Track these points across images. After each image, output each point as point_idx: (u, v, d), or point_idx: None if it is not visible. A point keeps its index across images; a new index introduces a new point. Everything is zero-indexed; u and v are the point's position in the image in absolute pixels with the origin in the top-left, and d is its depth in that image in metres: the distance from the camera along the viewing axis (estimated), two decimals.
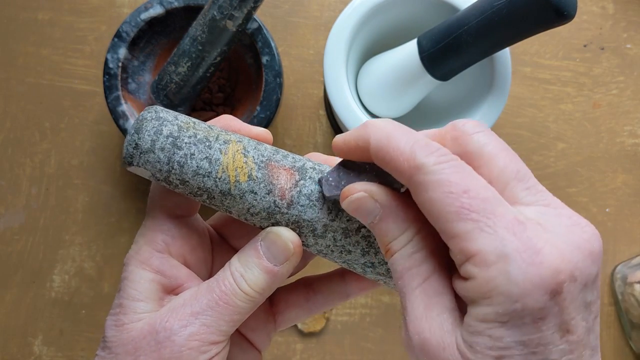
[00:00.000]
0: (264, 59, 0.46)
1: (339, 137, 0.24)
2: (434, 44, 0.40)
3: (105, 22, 0.54)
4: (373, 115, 0.48)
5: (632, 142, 0.54)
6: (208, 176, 0.25)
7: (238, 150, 0.25)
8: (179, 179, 0.25)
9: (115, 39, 0.46)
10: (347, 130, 0.43)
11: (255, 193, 0.25)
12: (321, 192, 0.25)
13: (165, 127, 0.25)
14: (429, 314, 0.21)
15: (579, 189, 0.54)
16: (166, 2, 0.46)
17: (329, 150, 0.54)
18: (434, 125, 0.48)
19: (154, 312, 0.25)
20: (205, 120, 0.50)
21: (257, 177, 0.25)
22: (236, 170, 0.25)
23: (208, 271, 0.29)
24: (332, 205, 0.25)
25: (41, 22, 0.54)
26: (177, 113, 0.26)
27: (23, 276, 0.52)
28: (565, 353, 0.21)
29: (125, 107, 0.46)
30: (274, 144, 0.54)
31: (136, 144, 0.24)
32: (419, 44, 0.42)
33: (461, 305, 0.22)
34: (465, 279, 0.20)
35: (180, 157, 0.25)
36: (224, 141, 0.25)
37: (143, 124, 0.25)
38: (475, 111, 0.44)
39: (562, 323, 0.20)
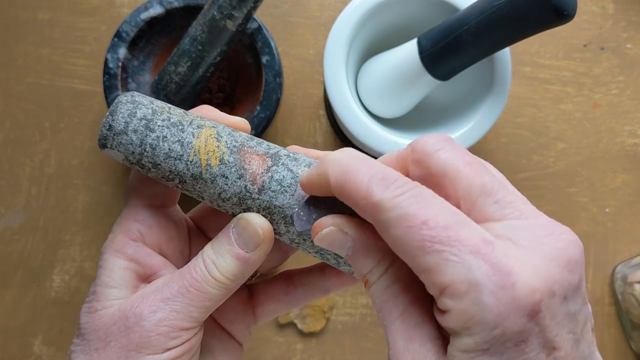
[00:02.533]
0: (264, 59, 0.46)
1: (302, 176, 0.24)
2: (434, 44, 0.40)
3: (105, 22, 0.54)
4: (373, 115, 0.48)
5: (632, 142, 0.54)
6: (179, 159, 0.25)
7: (211, 134, 0.25)
8: (150, 162, 0.25)
9: (115, 39, 0.46)
10: (347, 130, 0.43)
11: (227, 177, 0.25)
12: (294, 178, 0.25)
13: (139, 110, 0.25)
14: (410, 346, 0.21)
15: (579, 189, 0.54)
16: (166, 2, 0.46)
17: (329, 150, 0.53)
18: (434, 125, 0.48)
19: (126, 299, 0.25)
20: None
21: (228, 162, 0.25)
22: (208, 154, 0.25)
23: (185, 262, 0.29)
24: (304, 193, 0.25)
25: (41, 22, 0.54)
26: (153, 99, 0.26)
27: (23, 276, 0.52)
28: None
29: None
30: (274, 143, 0.54)
31: (110, 125, 0.25)
32: (419, 43, 0.42)
33: (444, 333, 0.21)
34: (443, 311, 0.20)
35: (153, 139, 0.25)
36: (197, 126, 0.25)
37: (118, 107, 0.25)
38: (475, 111, 0.44)
39: (545, 342, 0.20)
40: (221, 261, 0.25)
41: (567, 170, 0.54)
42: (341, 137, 0.53)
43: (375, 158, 0.47)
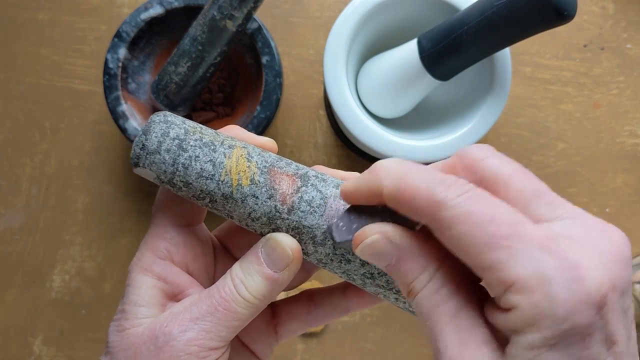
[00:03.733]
0: (264, 59, 0.46)
1: (348, 185, 0.23)
2: (434, 44, 0.40)
3: (105, 22, 0.54)
4: (373, 115, 0.48)
5: (632, 142, 0.54)
6: (211, 179, 0.25)
7: (242, 155, 0.26)
8: (182, 181, 0.25)
9: (115, 39, 0.46)
10: (347, 130, 0.43)
11: (257, 197, 0.25)
12: (323, 199, 0.25)
13: (172, 129, 0.25)
14: (465, 351, 0.20)
15: (579, 189, 0.54)
16: (166, 2, 0.46)
17: (329, 150, 0.54)
18: (434, 125, 0.48)
19: (155, 317, 0.26)
20: (206, 120, 0.51)
21: (259, 182, 0.25)
22: (239, 174, 0.25)
23: (210, 281, 0.29)
24: (333, 214, 0.25)
25: (41, 22, 0.54)
26: (185, 118, 0.27)
27: (23, 276, 0.52)
28: None
29: (125, 107, 0.46)
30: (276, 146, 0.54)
31: (143, 144, 0.25)
32: (419, 43, 0.42)
33: (497, 337, 0.21)
34: (506, 309, 0.20)
35: (185, 159, 0.25)
36: (228, 146, 0.26)
37: (151, 126, 0.25)
38: (475, 111, 0.44)
39: (607, 336, 0.20)
40: (250, 281, 0.25)
41: (567, 170, 0.54)
42: (341, 137, 0.53)
43: (375, 158, 0.47)
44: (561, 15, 0.34)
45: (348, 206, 0.24)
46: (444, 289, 0.21)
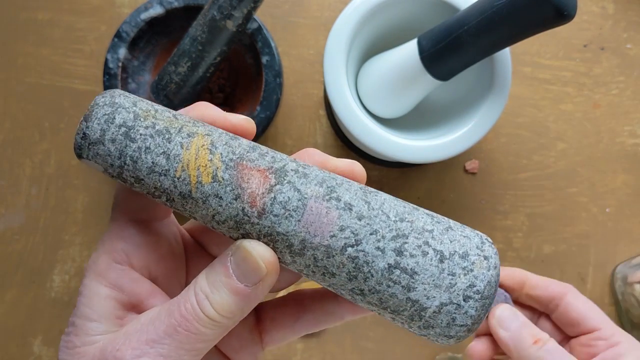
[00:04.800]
0: (264, 59, 0.46)
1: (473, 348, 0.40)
2: (434, 44, 0.40)
3: (105, 22, 0.54)
4: (373, 115, 0.48)
5: (632, 142, 0.54)
6: (165, 175, 0.21)
7: (203, 145, 0.22)
8: (133, 177, 0.22)
9: (115, 39, 0.46)
10: (347, 130, 0.43)
11: (221, 198, 0.21)
12: (301, 199, 0.21)
13: (118, 114, 0.21)
14: None
15: (579, 189, 0.54)
16: (166, 2, 0.46)
17: (329, 150, 0.54)
18: (434, 125, 0.48)
19: (110, 334, 0.22)
20: None
21: (222, 179, 0.21)
22: (198, 169, 0.21)
23: (181, 284, 0.26)
24: (314, 219, 0.21)
25: (41, 22, 0.54)
26: (138, 98, 0.23)
27: (23, 276, 0.52)
28: None
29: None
30: (274, 144, 0.55)
31: (84, 133, 0.21)
32: (419, 43, 0.42)
33: None
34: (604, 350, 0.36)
35: (134, 150, 0.21)
36: (187, 134, 0.22)
37: (93, 111, 0.21)
38: (475, 111, 0.44)
39: None
40: (216, 296, 0.21)
41: (567, 170, 0.54)
42: (341, 137, 0.53)
43: (375, 158, 0.48)
44: (561, 15, 0.34)
45: (335, 214, 0.21)
46: (563, 350, 0.36)
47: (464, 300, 0.21)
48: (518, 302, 0.42)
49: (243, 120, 0.24)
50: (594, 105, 0.55)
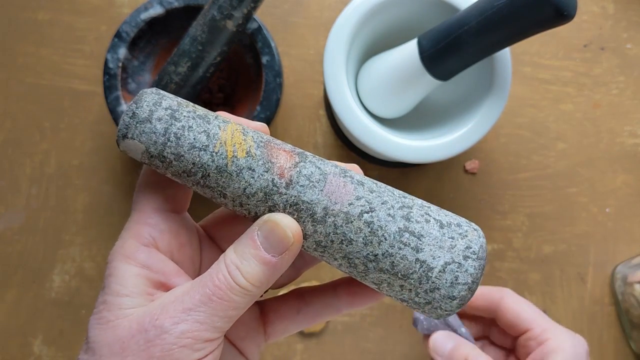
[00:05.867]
0: (264, 59, 0.46)
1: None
2: (434, 44, 0.40)
3: (105, 22, 0.54)
4: (373, 115, 0.48)
5: (632, 142, 0.54)
6: (205, 150, 0.24)
7: (237, 129, 0.24)
8: (174, 153, 0.24)
9: (115, 39, 0.46)
10: (347, 130, 0.43)
11: (253, 170, 0.24)
12: (322, 174, 0.24)
13: (164, 100, 0.24)
14: None
15: (579, 189, 0.54)
16: (166, 2, 0.46)
17: (329, 150, 0.54)
18: (434, 125, 0.48)
19: (142, 308, 0.24)
20: None
21: (255, 154, 0.24)
22: (234, 145, 0.24)
23: (196, 272, 0.28)
24: (334, 189, 0.24)
25: (41, 22, 0.54)
26: (175, 96, 0.26)
27: (23, 276, 0.52)
28: None
29: (125, 107, 0.46)
30: None
31: (134, 112, 0.24)
32: (419, 43, 0.42)
33: None
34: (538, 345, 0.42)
35: (178, 128, 0.24)
36: (223, 120, 0.25)
37: (143, 96, 0.24)
38: (475, 111, 0.44)
39: None
40: (246, 266, 0.23)
41: (567, 171, 0.54)
42: (341, 137, 0.53)
43: (375, 158, 0.48)
44: (561, 15, 0.34)
45: (351, 187, 0.24)
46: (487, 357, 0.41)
47: (464, 259, 0.24)
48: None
49: (260, 125, 0.27)
50: (594, 105, 0.55)
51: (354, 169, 0.27)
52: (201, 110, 0.25)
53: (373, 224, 0.24)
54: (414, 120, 0.50)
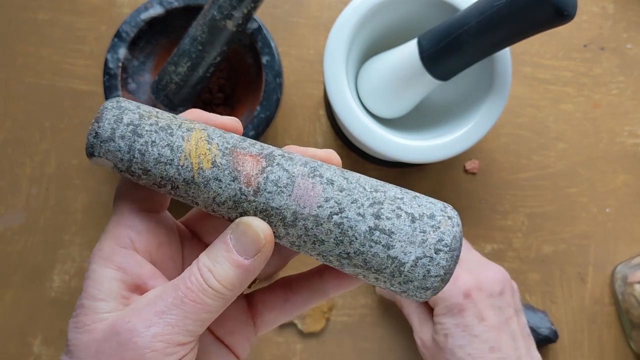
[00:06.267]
0: (264, 59, 0.46)
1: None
2: (434, 44, 0.40)
3: (105, 22, 0.54)
4: (373, 115, 0.48)
5: (632, 142, 0.54)
6: (170, 164, 0.24)
7: (201, 137, 0.24)
8: (140, 169, 0.24)
9: (115, 39, 0.46)
10: (347, 130, 0.43)
11: (220, 180, 0.24)
12: (290, 178, 0.24)
13: (125, 115, 0.24)
14: (423, 326, 0.46)
15: (579, 189, 0.54)
16: (166, 2, 0.46)
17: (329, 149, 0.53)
18: (434, 125, 0.48)
19: (117, 312, 0.24)
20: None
21: (221, 164, 0.24)
22: (199, 157, 0.24)
23: (178, 270, 0.28)
24: (302, 193, 0.25)
25: (41, 22, 0.54)
26: (140, 103, 0.25)
27: (23, 276, 0.52)
28: (484, 332, 0.41)
29: None
30: (274, 144, 0.55)
31: (96, 132, 0.24)
32: (419, 43, 0.42)
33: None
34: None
35: (141, 144, 0.24)
36: (186, 129, 0.25)
37: (103, 113, 0.24)
38: (475, 111, 0.44)
39: (477, 314, 0.42)
40: (219, 269, 0.24)
41: (567, 170, 0.54)
42: (341, 137, 0.53)
43: (375, 158, 0.48)
44: (561, 15, 0.34)
45: (320, 188, 0.24)
46: (415, 304, 0.46)
47: (435, 252, 0.24)
48: None
49: (231, 120, 0.27)
50: (594, 105, 0.55)
51: (330, 157, 0.27)
52: (164, 119, 0.25)
53: (343, 224, 0.24)
54: (414, 120, 0.50)
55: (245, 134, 0.45)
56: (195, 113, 0.27)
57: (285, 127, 0.53)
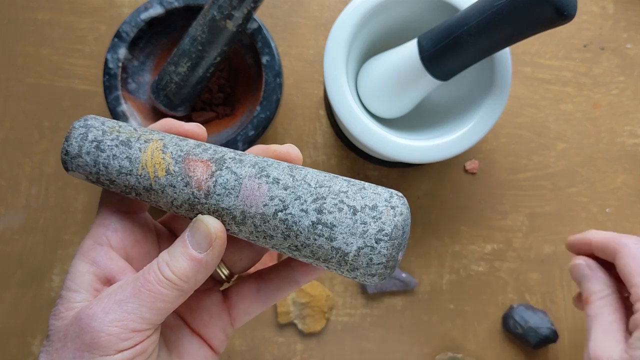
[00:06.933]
0: (264, 59, 0.46)
1: (572, 239, 0.43)
2: (434, 44, 0.40)
3: (105, 22, 0.54)
4: (373, 115, 0.48)
5: (632, 142, 0.54)
6: (130, 174, 0.27)
7: (157, 147, 0.27)
8: (107, 179, 0.27)
9: (115, 39, 0.46)
10: (347, 130, 0.43)
11: (174, 186, 0.27)
12: (237, 180, 0.26)
13: (90, 133, 0.28)
14: (606, 338, 0.36)
15: (579, 189, 0.54)
16: (166, 2, 0.46)
17: (329, 150, 0.54)
18: (434, 125, 0.48)
19: (87, 302, 0.26)
20: (206, 120, 0.51)
21: (174, 171, 0.27)
22: (154, 166, 0.27)
23: None
24: (249, 193, 0.27)
25: (41, 22, 0.54)
26: (106, 119, 0.28)
27: (22, 276, 0.52)
28: None
29: (125, 107, 0.46)
30: (274, 143, 0.55)
31: (66, 150, 0.27)
32: (419, 43, 0.42)
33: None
34: (634, 312, 0.35)
35: (104, 158, 0.27)
36: (144, 140, 0.27)
37: (71, 132, 0.28)
38: (475, 111, 0.44)
39: None
40: (175, 262, 0.26)
41: (567, 171, 0.54)
42: (341, 137, 0.53)
43: (375, 158, 0.48)
44: (561, 15, 0.34)
45: (265, 188, 0.26)
46: (609, 306, 0.38)
47: (376, 242, 0.25)
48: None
49: (194, 126, 0.30)
50: (594, 105, 0.55)
51: (289, 151, 0.29)
52: (125, 134, 0.28)
53: (287, 220, 0.26)
54: (414, 120, 0.50)
55: (245, 134, 0.45)
56: (164, 121, 0.29)
57: (285, 127, 0.53)
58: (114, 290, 0.26)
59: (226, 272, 0.31)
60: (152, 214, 0.32)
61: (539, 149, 0.54)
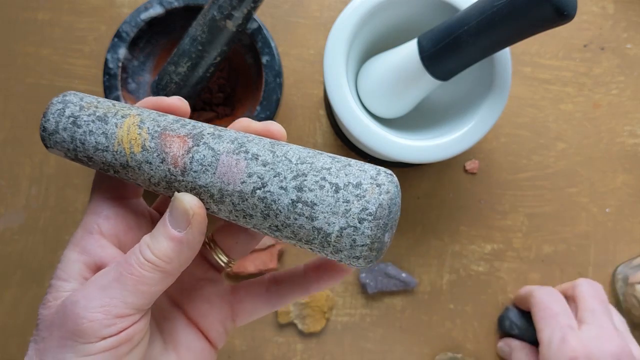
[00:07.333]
0: (264, 59, 0.46)
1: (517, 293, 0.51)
2: (434, 44, 0.40)
3: (105, 22, 0.54)
4: (373, 115, 0.48)
5: (632, 142, 0.54)
6: (106, 150, 0.26)
7: (134, 123, 0.26)
8: (85, 156, 0.27)
9: (115, 39, 0.46)
10: (347, 130, 0.43)
11: (150, 163, 0.26)
12: (215, 156, 0.25)
13: (68, 108, 0.27)
14: None
15: (579, 189, 0.54)
16: (166, 2, 0.46)
17: (329, 150, 0.54)
18: (434, 125, 0.48)
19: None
20: (206, 120, 0.51)
21: (150, 147, 0.26)
22: (130, 142, 0.26)
23: None
24: (226, 170, 0.25)
25: (41, 22, 0.54)
26: (85, 95, 0.27)
27: (22, 276, 0.52)
28: None
29: None
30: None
31: (44, 126, 0.27)
32: (419, 43, 0.42)
33: None
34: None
35: (81, 134, 0.26)
36: (121, 116, 0.26)
37: (49, 108, 0.27)
38: (475, 111, 0.44)
39: None
40: (155, 243, 0.25)
41: (567, 171, 0.54)
42: (341, 137, 0.53)
43: (375, 158, 0.48)
44: (561, 15, 0.34)
45: (243, 164, 0.25)
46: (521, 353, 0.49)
47: (359, 222, 0.23)
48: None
49: (175, 99, 0.29)
50: (594, 105, 0.55)
51: (270, 128, 0.27)
52: (102, 109, 0.27)
53: (266, 199, 0.24)
54: (414, 120, 0.50)
55: None
56: (146, 99, 0.29)
57: (285, 127, 0.53)
58: (97, 278, 0.25)
59: (224, 258, 0.31)
60: (148, 199, 0.32)
61: (539, 149, 0.54)
